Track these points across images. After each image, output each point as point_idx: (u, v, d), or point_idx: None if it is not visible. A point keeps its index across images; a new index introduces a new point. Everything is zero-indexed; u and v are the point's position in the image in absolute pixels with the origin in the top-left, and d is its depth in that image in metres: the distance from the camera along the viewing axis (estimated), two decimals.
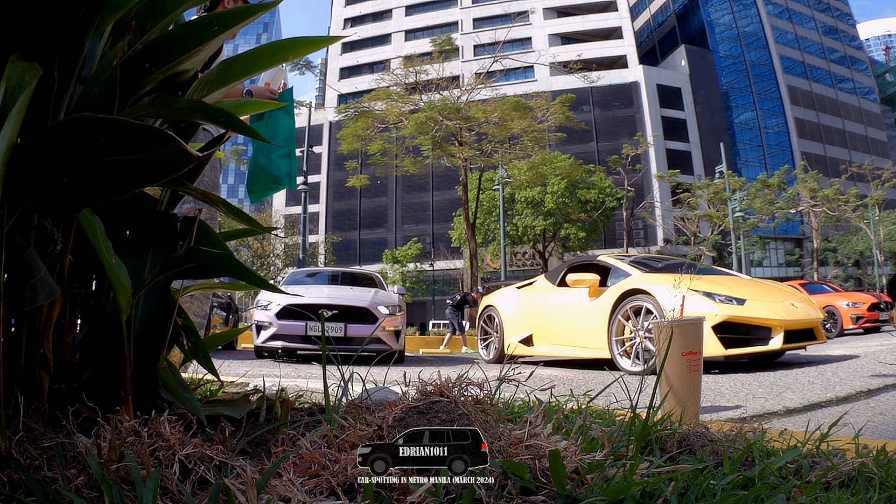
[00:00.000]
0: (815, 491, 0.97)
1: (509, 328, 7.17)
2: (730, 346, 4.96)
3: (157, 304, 1.13)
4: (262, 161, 2.58)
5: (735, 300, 5.16)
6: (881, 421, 2.55)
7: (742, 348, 4.99)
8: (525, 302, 7.14)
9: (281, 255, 35.79)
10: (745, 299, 5.19)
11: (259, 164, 2.58)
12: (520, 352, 6.93)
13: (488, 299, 7.98)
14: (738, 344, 5.00)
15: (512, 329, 7.12)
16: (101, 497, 0.77)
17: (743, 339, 5.04)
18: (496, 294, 8.01)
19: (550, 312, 6.66)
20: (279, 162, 2.58)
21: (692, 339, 2.24)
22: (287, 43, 1.11)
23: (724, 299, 5.16)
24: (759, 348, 5.00)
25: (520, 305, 7.19)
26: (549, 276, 7.31)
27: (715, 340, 4.92)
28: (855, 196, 36.02)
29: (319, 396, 1.71)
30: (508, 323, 7.22)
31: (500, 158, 24.09)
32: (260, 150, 2.58)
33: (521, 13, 40.53)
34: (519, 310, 7.16)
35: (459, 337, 14.73)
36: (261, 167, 2.58)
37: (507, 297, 7.57)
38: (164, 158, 0.83)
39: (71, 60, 1.00)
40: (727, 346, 4.94)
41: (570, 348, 6.29)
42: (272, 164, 2.58)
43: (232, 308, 13.74)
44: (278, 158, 2.58)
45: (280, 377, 2.52)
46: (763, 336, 5.03)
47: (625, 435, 1.15)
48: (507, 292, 7.71)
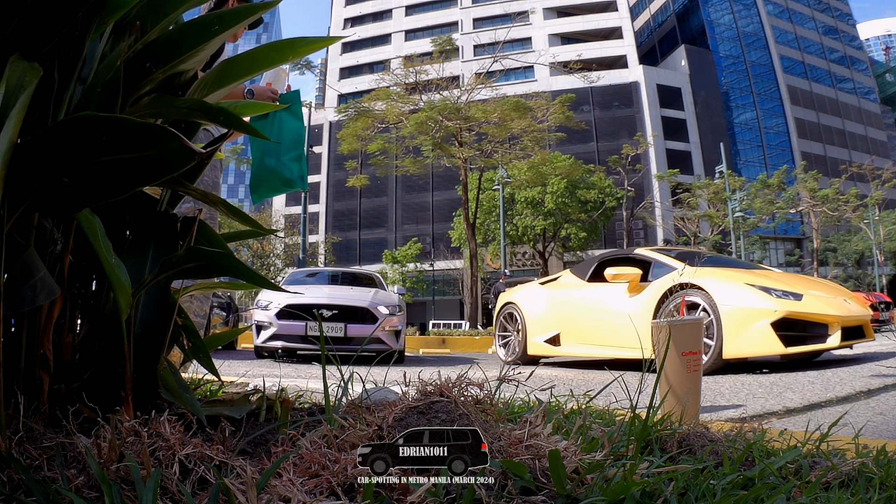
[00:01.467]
0: (815, 491, 0.97)
1: (533, 327, 6.72)
2: (789, 343, 4.64)
3: (157, 304, 1.13)
4: (270, 163, 2.55)
5: (792, 295, 4.83)
6: (881, 421, 2.55)
7: (801, 346, 4.66)
8: (551, 299, 6.67)
9: (281, 255, 35.81)
10: (801, 294, 4.87)
11: (267, 167, 2.56)
12: (545, 352, 6.56)
13: (508, 296, 7.48)
14: (796, 342, 4.67)
15: (536, 328, 6.67)
16: (101, 497, 0.77)
17: (800, 336, 4.71)
18: (517, 290, 7.50)
19: (581, 310, 6.21)
20: (290, 165, 2.56)
21: (692, 339, 2.24)
22: (287, 43, 1.11)
23: (780, 294, 4.82)
24: (818, 346, 4.69)
25: (545, 302, 6.72)
26: (577, 271, 6.90)
27: (774, 338, 4.63)
28: (855, 196, 36.02)
29: (319, 396, 1.71)
30: (532, 321, 6.73)
31: (500, 158, 24.10)
32: (268, 152, 2.55)
33: (521, 13, 40.52)
34: (544, 307, 6.69)
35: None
36: (269, 169, 2.56)
37: (531, 293, 7.10)
38: (165, 156, 0.83)
39: (71, 61, 1.00)
40: (787, 344, 4.63)
41: (604, 348, 5.85)
42: (283, 167, 2.55)
43: (232, 308, 13.74)
44: (289, 161, 2.55)
45: (280, 377, 2.52)
46: (820, 333, 4.71)
47: (625, 435, 1.15)
48: (530, 288, 7.25)
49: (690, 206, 36.51)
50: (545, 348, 6.50)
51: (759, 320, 4.73)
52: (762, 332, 4.70)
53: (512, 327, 7.17)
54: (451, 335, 16.45)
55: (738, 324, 4.78)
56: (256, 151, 2.60)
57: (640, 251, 6.38)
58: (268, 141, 2.39)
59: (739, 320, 4.79)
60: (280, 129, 2.56)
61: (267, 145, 2.53)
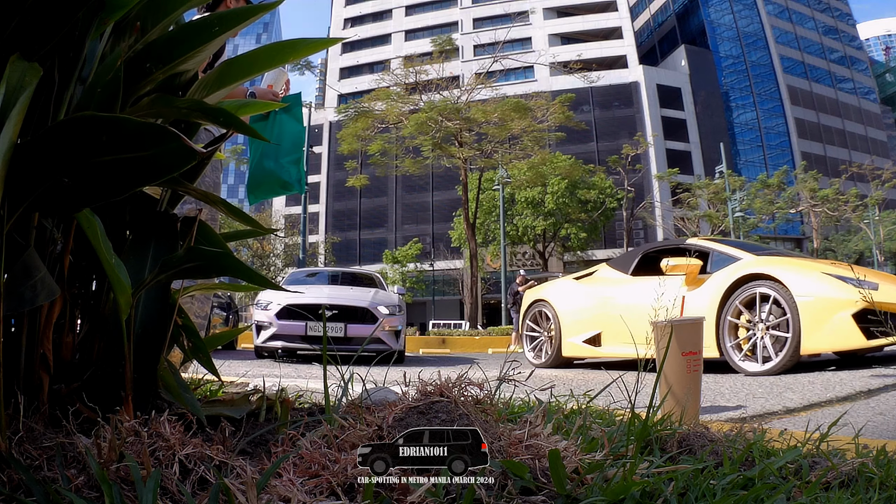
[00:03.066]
0: (815, 491, 0.97)
1: (569, 326, 6.22)
2: (871, 336, 4.34)
3: (157, 305, 1.13)
4: (269, 165, 2.58)
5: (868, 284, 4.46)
6: (881, 421, 2.55)
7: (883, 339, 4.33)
8: (590, 295, 6.14)
9: (281, 255, 35.83)
10: (877, 283, 4.53)
11: (266, 169, 2.58)
12: (582, 353, 6.07)
13: (537, 293, 6.90)
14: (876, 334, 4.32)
15: (573, 327, 6.18)
16: (101, 497, 0.77)
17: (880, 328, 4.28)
18: (547, 287, 6.91)
19: (626, 306, 5.61)
20: (289, 168, 2.58)
21: (692, 339, 2.24)
22: (288, 44, 1.11)
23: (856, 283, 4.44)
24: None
25: (583, 299, 6.19)
26: (617, 265, 6.37)
27: (856, 330, 4.33)
28: (855, 196, 36.03)
29: (319, 396, 1.71)
30: (568, 320, 6.23)
31: (500, 158, 24.11)
32: (267, 154, 2.58)
33: (521, 13, 40.57)
34: (582, 305, 6.17)
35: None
36: (268, 171, 2.58)
37: (565, 290, 6.53)
38: (165, 156, 0.83)
39: (71, 61, 1.00)
40: (868, 337, 4.34)
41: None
42: (282, 170, 2.57)
43: (232, 308, 13.74)
44: (288, 164, 2.58)
45: (280, 377, 2.52)
46: None
47: (625, 435, 1.15)
48: (563, 284, 6.66)
49: (690, 206, 36.52)
50: (583, 349, 6.01)
51: (839, 311, 4.42)
52: (843, 324, 4.38)
53: (543, 327, 6.66)
54: (451, 335, 16.46)
55: (817, 316, 4.46)
56: (255, 153, 2.62)
57: (694, 241, 5.92)
58: (267, 143, 2.41)
59: (818, 312, 4.46)
60: (280, 131, 2.58)
61: (266, 147, 2.55)
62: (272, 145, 2.52)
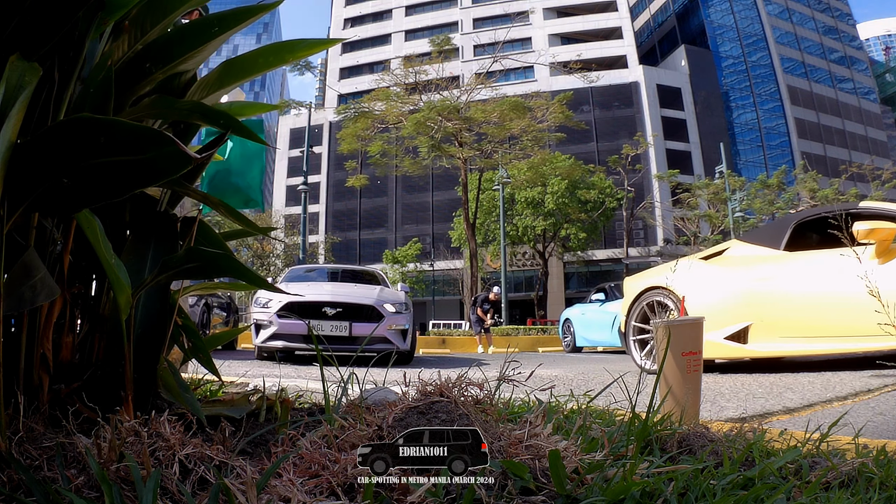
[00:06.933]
0: (815, 491, 0.97)
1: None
2: None
3: (156, 305, 1.13)
4: (237, 182, 2.81)
5: None
6: (881, 421, 2.55)
7: None
8: (730, 279, 4.86)
9: (281, 256, 35.82)
10: None
11: (233, 184, 2.81)
12: (721, 353, 4.77)
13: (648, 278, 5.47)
14: None
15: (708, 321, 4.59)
16: (101, 497, 0.77)
17: None
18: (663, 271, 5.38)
19: (789, 290, 4.50)
20: (254, 186, 2.83)
21: (692, 339, 2.23)
22: (287, 45, 1.11)
23: None
24: None
25: (720, 285, 4.91)
26: (758, 239, 5.14)
27: None
28: (855, 196, 36.01)
29: (319, 397, 1.71)
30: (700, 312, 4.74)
31: (499, 158, 24.11)
32: (235, 172, 2.79)
33: (521, 13, 40.57)
34: (720, 291, 4.88)
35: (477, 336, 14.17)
36: (234, 187, 2.81)
37: (693, 273, 5.11)
38: (162, 160, 0.83)
39: (71, 61, 1.00)
40: None
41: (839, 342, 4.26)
42: (250, 189, 2.83)
43: (232, 308, 13.73)
44: (252, 182, 2.83)
45: (280, 377, 2.52)
46: None
47: (625, 435, 1.15)
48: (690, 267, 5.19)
49: (690, 207, 36.52)
50: (723, 348, 4.73)
51: None
52: None
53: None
54: (451, 335, 16.44)
55: None
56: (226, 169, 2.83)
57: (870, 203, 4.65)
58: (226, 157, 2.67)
59: None
60: (242, 150, 2.81)
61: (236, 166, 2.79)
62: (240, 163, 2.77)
